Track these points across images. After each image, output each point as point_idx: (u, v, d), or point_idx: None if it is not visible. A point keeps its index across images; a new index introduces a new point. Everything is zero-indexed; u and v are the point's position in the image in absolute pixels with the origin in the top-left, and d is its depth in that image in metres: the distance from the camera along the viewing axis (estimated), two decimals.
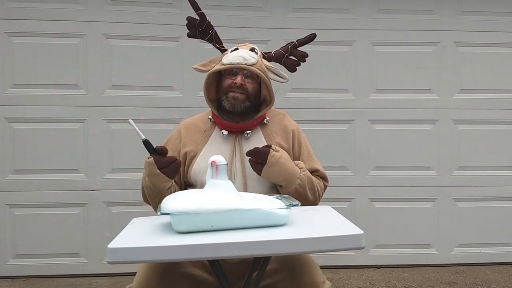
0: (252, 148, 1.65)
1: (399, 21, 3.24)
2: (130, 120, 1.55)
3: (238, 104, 1.74)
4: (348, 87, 3.24)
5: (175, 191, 1.66)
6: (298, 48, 1.85)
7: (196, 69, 1.81)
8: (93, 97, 3.07)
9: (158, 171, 1.60)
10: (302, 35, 1.87)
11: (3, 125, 3.01)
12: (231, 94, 1.74)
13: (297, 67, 1.88)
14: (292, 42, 1.86)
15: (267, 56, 1.85)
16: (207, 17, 1.83)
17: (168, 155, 1.78)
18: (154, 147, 1.58)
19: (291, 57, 1.86)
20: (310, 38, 1.86)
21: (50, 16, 3.02)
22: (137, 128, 1.53)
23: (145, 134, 1.55)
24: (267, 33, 3.13)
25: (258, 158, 1.64)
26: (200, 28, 1.83)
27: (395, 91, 3.25)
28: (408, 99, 3.25)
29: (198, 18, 1.82)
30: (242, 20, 3.14)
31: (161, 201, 1.69)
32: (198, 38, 1.85)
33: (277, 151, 1.65)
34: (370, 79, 3.25)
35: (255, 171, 1.67)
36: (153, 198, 1.71)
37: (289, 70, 1.87)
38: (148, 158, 1.62)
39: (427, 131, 3.28)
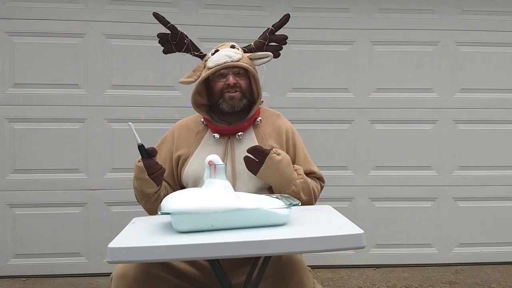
0: (253, 146, 1.63)
1: (400, 20, 3.24)
2: (130, 123, 1.53)
3: (236, 103, 1.74)
4: (349, 86, 3.24)
5: (163, 195, 1.65)
6: (276, 33, 1.84)
7: (183, 82, 1.77)
8: (93, 97, 3.07)
9: (147, 177, 1.59)
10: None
11: (3, 125, 3.01)
12: (227, 95, 1.73)
13: (280, 52, 1.86)
14: (268, 28, 1.84)
15: (247, 50, 1.84)
16: (178, 28, 1.80)
17: (162, 157, 1.77)
18: (147, 151, 1.57)
19: (272, 43, 1.84)
20: (285, 20, 1.85)
21: (50, 15, 3.01)
22: (135, 132, 1.52)
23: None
24: None
25: (257, 157, 1.62)
26: (174, 41, 1.79)
27: (395, 90, 3.25)
28: (408, 98, 3.25)
29: (169, 32, 1.78)
30: (242, 20, 3.13)
31: (148, 204, 1.70)
32: (175, 52, 1.81)
33: (278, 154, 1.64)
34: (370, 79, 3.24)
35: (250, 170, 1.64)
36: (140, 199, 1.72)
37: (273, 57, 1.85)
38: (138, 162, 1.60)
39: (427, 130, 3.28)
